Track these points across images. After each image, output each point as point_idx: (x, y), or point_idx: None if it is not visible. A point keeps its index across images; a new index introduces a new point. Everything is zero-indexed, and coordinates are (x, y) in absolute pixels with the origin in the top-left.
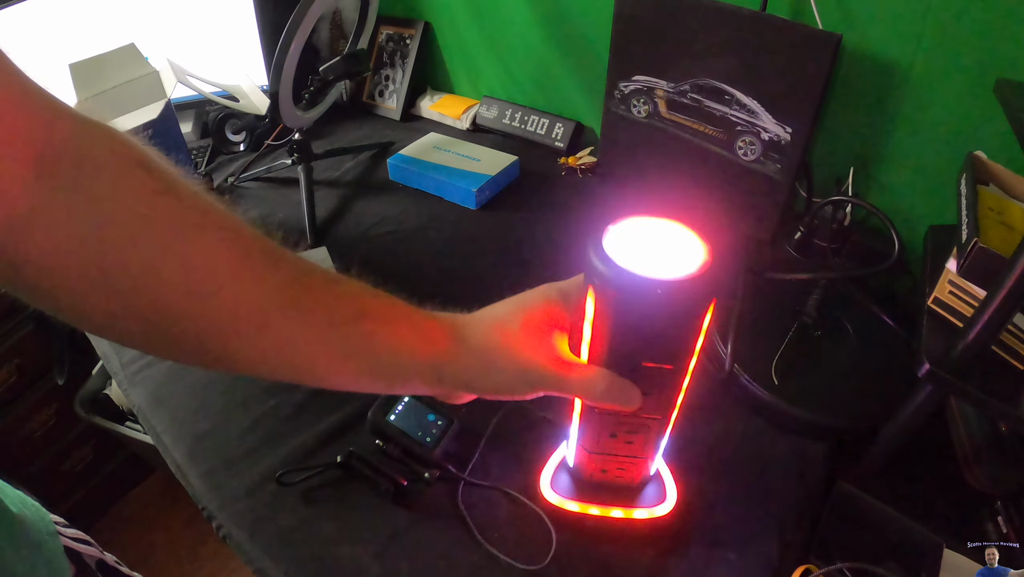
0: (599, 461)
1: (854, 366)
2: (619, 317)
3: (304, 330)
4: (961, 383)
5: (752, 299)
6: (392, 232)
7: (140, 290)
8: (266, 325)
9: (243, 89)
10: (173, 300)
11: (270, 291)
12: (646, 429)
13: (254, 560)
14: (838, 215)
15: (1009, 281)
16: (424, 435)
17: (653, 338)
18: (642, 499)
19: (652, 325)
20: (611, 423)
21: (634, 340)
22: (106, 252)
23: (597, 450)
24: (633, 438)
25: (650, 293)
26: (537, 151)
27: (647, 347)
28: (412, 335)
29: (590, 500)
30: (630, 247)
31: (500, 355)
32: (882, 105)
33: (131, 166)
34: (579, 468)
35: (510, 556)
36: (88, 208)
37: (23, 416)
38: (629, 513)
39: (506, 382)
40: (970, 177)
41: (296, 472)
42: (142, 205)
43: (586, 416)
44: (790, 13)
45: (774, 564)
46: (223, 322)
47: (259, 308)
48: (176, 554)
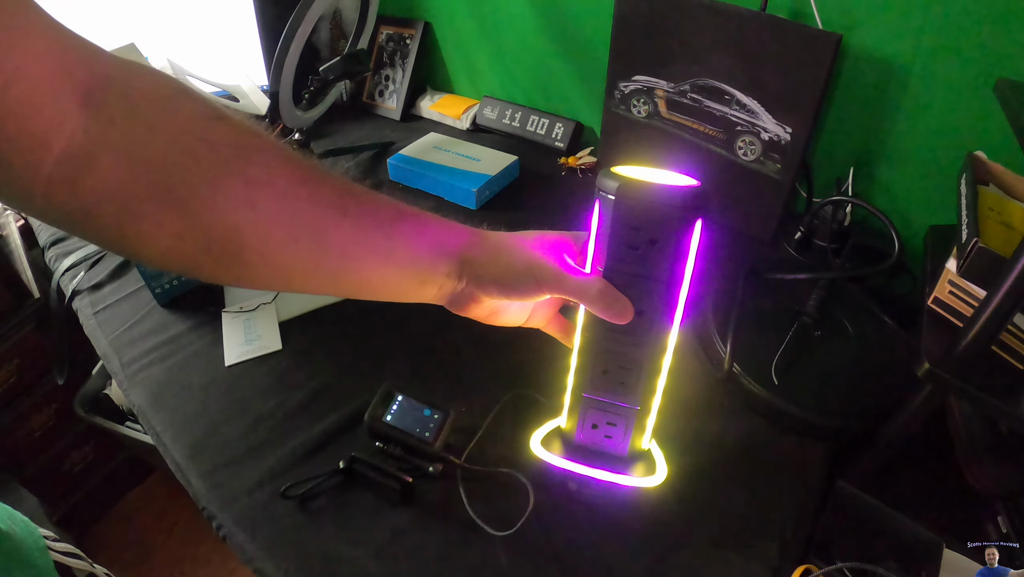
0: (590, 410)
1: (854, 366)
2: (617, 219)
3: (355, 234)
4: (961, 383)
5: (752, 299)
6: None
7: (206, 206)
8: (322, 232)
9: (243, 89)
10: (238, 214)
11: (323, 201)
12: (637, 368)
13: (254, 560)
14: (838, 215)
15: (1009, 281)
16: (423, 430)
17: (647, 244)
18: (631, 469)
19: (645, 227)
20: (604, 353)
21: (629, 243)
22: (171, 173)
23: (590, 392)
24: (625, 377)
25: (645, 193)
26: (537, 151)
27: (641, 255)
28: (441, 230)
29: (577, 460)
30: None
31: (512, 250)
32: (882, 105)
33: (178, 94)
34: (569, 421)
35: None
36: (148, 135)
37: (23, 416)
38: (614, 478)
39: (513, 270)
40: (970, 177)
41: (300, 484)
42: (198, 128)
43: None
44: (790, 13)
45: (774, 564)
46: (283, 232)
47: (316, 216)
48: (176, 554)
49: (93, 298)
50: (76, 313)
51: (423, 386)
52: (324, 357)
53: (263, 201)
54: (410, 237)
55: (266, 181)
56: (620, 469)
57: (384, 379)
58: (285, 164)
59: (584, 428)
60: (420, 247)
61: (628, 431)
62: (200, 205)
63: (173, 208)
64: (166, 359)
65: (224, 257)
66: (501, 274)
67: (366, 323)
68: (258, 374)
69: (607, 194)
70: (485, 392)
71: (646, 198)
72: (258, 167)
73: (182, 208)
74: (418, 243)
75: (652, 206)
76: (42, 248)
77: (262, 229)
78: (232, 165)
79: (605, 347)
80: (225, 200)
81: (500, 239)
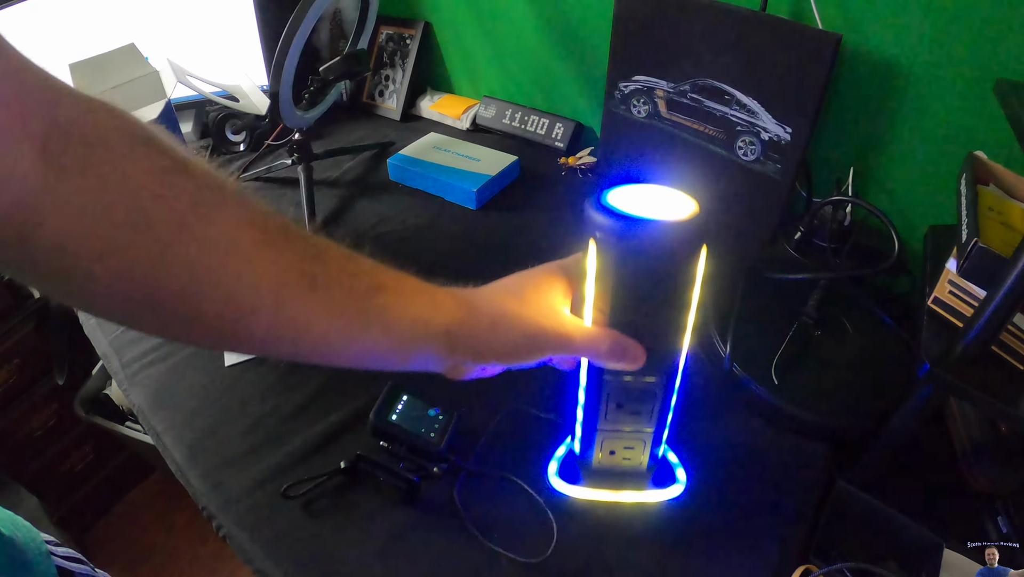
0: (606, 440)
1: (854, 366)
2: (619, 263)
3: (323, 306)
4: (961, 383)
5: (752, 299)
6: (392, 232)
7: (156, 271)
8: (285, 302)
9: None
10: (191, 280)
11: (288, 268)
12: (651, 396)
13: (254, 560)
14: (838, 215)
15: (1009, 281)
16: (428, 431)
17: (653, 284)
18: (651, 483)
19: (651, 269)
20: (617, 390)
21: (634, 287)
22: (120, 233)
23: (604, 426)
24: (639, 407)
25: (649, 235)
26: (537, 151)
27: (647, 294)
28: (426, 305)
29: (599, 486)
30: (625, 203)
31: (508, 320)
32: (882, 105)
33: (140, 144)
34: (586, 453)
35: (512, 549)
36: (100, 189)
37: (23, 416)
38: (640, 497)
39: (513, 345)
40: (970, 177)
41: (301, 484)
42: (155, 184)
43: (592, 383)
44: (790, 13)
45: (774, 564)
46: (241, 301)
47: (278, 285)
48: (176, 554)
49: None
50: (76, 313)
51: (423, 386)
52: None
53: (220, 268)
54: (387, 312)
55: (225, 245)
56: (641, 485)
57: (388, 378)
58: (248, 225)
59: (602, 456)
60: (400, 324)
61: (646, 450)
62: (152, 269)
63: (124, 271)
64: (166, 359)
65: (178, 323)
66: (501, 350)
67: None
68: (258, 374)
69: (605, 236)
70: (485, 394)
71: (650, 240)
72: (217, 227)
73: (133, 272)
74: (397, 319)
75: (658, 247)
76: None
77: (220, 297)
78: (189, 226)
79: (616, 384)
80: (179, 266)
81: (492, 308)
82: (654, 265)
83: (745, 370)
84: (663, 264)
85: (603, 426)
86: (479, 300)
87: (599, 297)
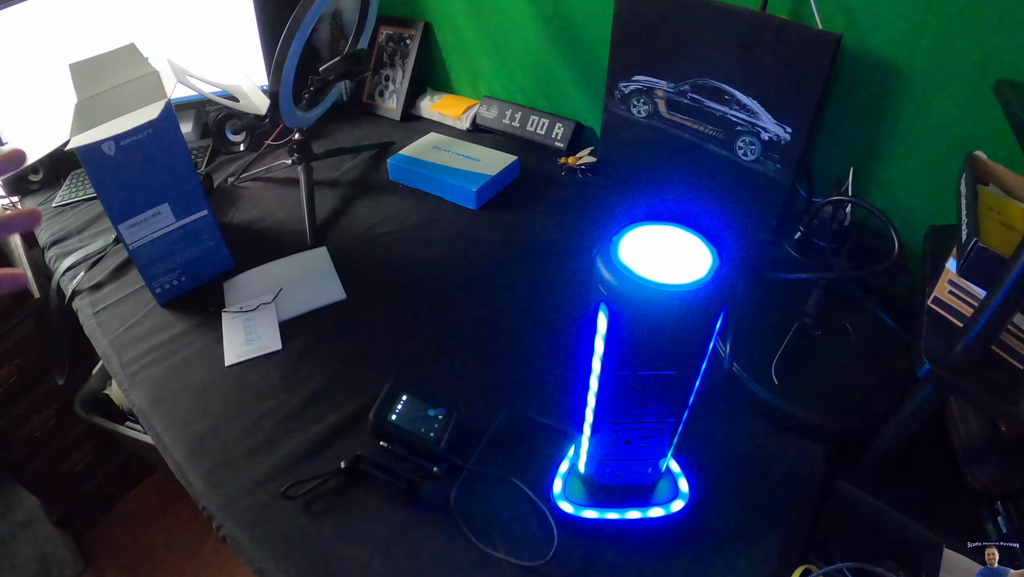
0: (614, 467)
1: (854, 366)
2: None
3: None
4: (961, 383)
5: (752, 299)
6: (392, 232)
7: None
8: None
9: (243, 89)
10: None
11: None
12: (660, 433)
13: (254, 560)
14: (838, 215)
15: (1009, 281)
16: (428, 431)
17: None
18: (655, 497)
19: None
20: (625, 429)
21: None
22: None
23: (612, 457)
24: (647, 442)
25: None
26: (537, 151)
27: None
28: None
29: (606, 504)
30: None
31: None
32: (882, 105)
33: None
34: (592, 475)
35: (512, 550)
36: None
37: (23, 416)
38: (645, 513)
39: None
40: (970, 177)
41: (301, 484)
42: None
43: (602, 428)
44: (790, 13)
45: (774, 564)
46: None
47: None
48: (176, 554)
49: (93, 298)
50: (76, 313)
51: (423, 387)
52: (324, 357)
53: None
54: None
55: None
56: (646, 501)
57: (388, 378)
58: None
59: (608, 477)
60: None
61: (653, 471)
62: None
63: None
64: (166, 359)
65: None
66: None
67: (366, 323)
68: (258, 374)
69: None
70: (485, 394)
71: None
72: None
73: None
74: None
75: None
76: (42, 248)
77: None
78: None
79: (625, 425)
80: None
81: None
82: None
83: (745, 370)
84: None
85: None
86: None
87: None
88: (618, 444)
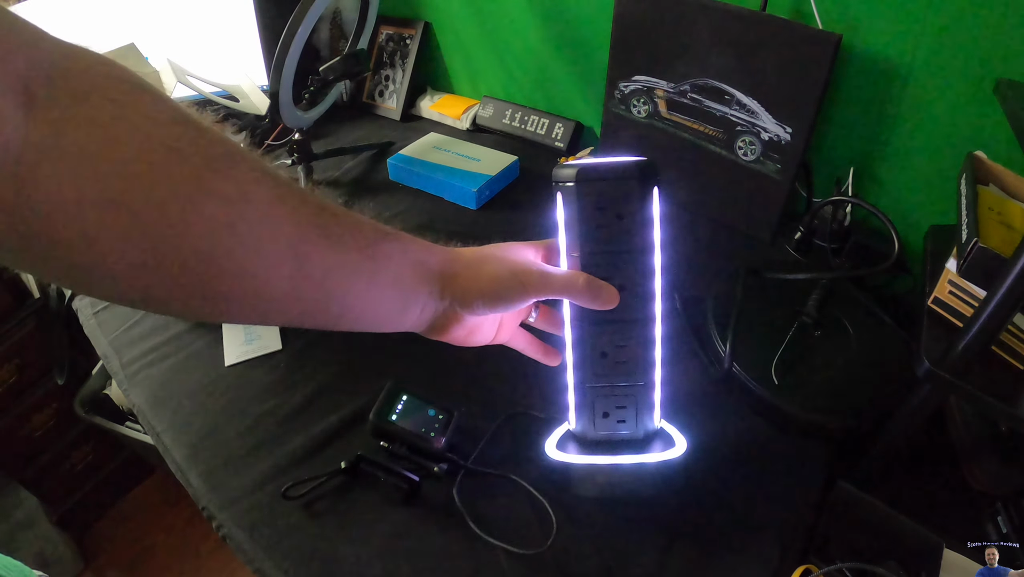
0: (598, 399)
1: (854, 366)
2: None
3: (338, 256)
4: (961, 383)
5: (752, 299)
6: None
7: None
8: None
9: (243, 89)
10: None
11: (303, 221)
12: (633, 342)
13: (254, 560)
14: (838, 215)
15: (1009, 281)
16: (428, 431)
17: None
18: (651, 448)
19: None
20: (599, 337)
21: (596, 227)
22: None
23: (593, 382)
24: (623, 356)
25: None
26: (537, 151)
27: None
28: (421, 249)
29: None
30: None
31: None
32: (882, 105)
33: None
34: (581, 419)
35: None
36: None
37: (23, 416)
38: (638, 459)
39: (500, 280)
40: (970, 177)
41: (301, 484)
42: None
43: (576, 334)
44: (790, 13)
45: (774, 564)
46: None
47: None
48: (176, 554)
49: (93, 298)
50: (76, 313)
51: (423, 386)
52: (324, 357)
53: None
54: (392, 258)
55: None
56: (641, 451)
57: (388, 378)
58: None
59: (596, 420)
60: (403, 267)
61: (639, 410)
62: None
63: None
64: (166, 359)
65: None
66: (487, 285)
67: None
68: (258, 374)
69: (567, 183)
70: (485, 394)
71: (605, 175)
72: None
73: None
74: (400, 263)
75: (612, 181)
76: None
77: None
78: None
79: (598, 331)
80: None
81: (476, 253)
82: (611, 200)
83: (745, 370)
84: (620, 198)
85: (592, 381)
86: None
87: (570, 245)
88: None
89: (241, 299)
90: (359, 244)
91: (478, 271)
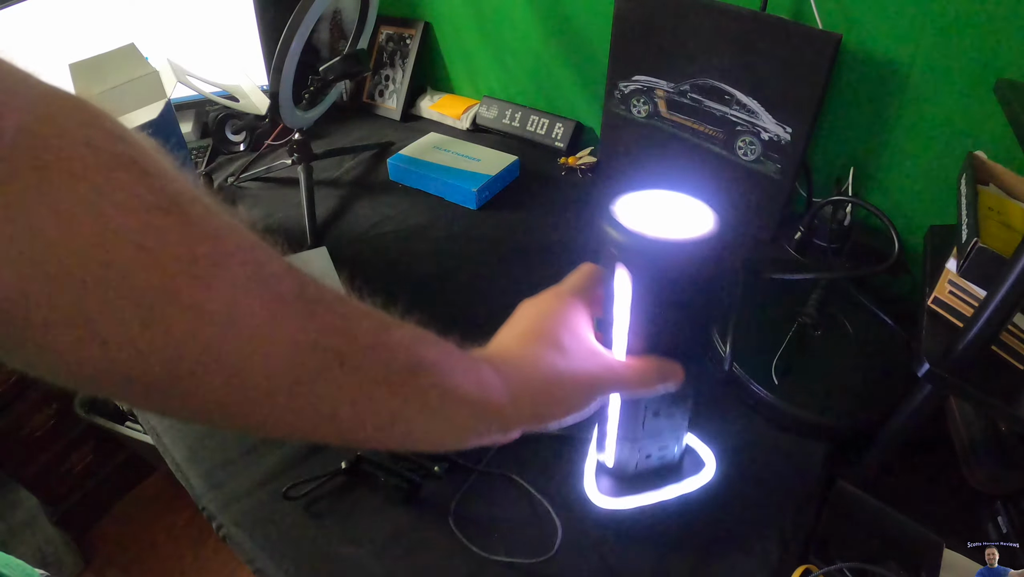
0: (644, 447)
1: (854, 366)
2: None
3: (350, 390)
4: (961, 383)
5: (752, 299)
6: (392, 232)
7: (138, 345)
8: (304, 386)
9: (243, 89)
10: (185, 359)
11: (307, 344)
12: (684, 397)
13: (254, 560)
14: (838, 215)
15: (1009, 281)
16: None
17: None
18: (684, 471)
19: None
20: (653, 402)
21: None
22: (90, 297)
23: (643, 436)
24: (674, 411)
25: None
26: (537, 151)
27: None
28: (473, 387)
29: (641, 491)
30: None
31: (561, 382)
32: (882, 105)
33: (118, 169)
34: (622, 464)
35: (513, 550)
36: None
37: (23, 416)
38: (680, 490)
39: (571, 405)
40: (970, 177)
41: (302, 485)
42: (137, 229)
43: (628, 406)
44: (790, 13)
45: (774, 564)
46: (251, 384)
47: (296, 366)
48: (176, 554)
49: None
50: None
51: None
52: None
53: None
54: (432, 397)
55: (226, 317)
56: (678, 477)
57: None
58: (256, 289)
59: (639, 461)
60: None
61: (679, 446)
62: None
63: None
64: None
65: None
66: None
67: None
68: None
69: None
70: None
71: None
72: (217, 293)
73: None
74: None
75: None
76: None
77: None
78: (177, 293)
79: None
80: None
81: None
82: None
83: (745, 370)
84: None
85: (641, 436)
86: (522, 366)
87: (634, 323)
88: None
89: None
90: (383, 375)
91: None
